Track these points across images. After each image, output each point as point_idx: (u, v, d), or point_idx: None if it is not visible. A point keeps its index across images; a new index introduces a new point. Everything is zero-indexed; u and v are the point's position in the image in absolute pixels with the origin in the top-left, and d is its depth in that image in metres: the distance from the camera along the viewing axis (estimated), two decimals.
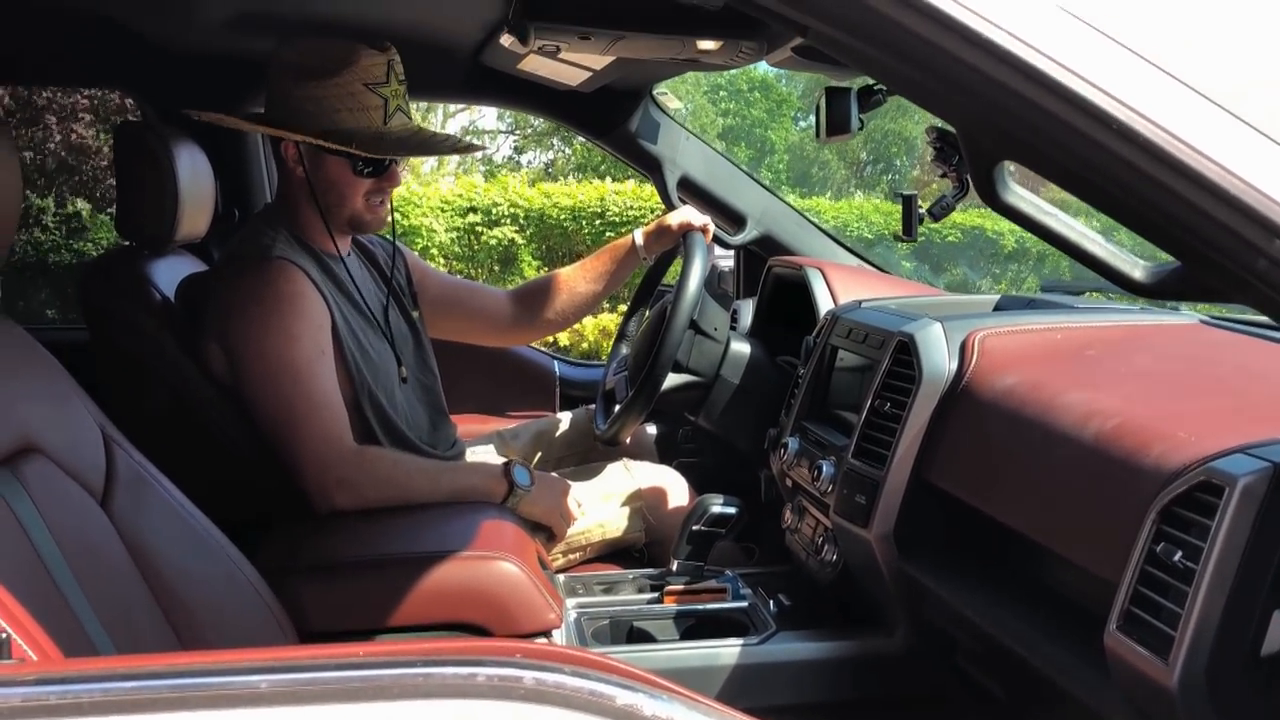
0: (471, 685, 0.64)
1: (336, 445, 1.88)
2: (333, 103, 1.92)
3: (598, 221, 9.70)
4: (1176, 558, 1.06)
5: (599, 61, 2.13)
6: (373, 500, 1.90)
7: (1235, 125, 0.84)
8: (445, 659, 0.66)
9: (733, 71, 2.19)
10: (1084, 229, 1.03)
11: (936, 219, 1.97)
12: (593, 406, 2.45)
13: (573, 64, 2.19)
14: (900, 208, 2.02)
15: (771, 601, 1.96)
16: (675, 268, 2.33)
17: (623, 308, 5.47)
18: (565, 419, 2.57)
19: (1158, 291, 1.00)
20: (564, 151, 17.19)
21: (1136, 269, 1.01)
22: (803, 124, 21.30)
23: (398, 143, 1.97)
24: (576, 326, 7.68)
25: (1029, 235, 1.08)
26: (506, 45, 2.10)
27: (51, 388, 1.41)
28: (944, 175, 1.89)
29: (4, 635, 0.75)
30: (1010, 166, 1.00)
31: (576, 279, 2.46)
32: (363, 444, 1.94)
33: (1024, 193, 1.02)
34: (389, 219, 2.11)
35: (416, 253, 5.48)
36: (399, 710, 0.63)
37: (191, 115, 2.05)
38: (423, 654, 0.66)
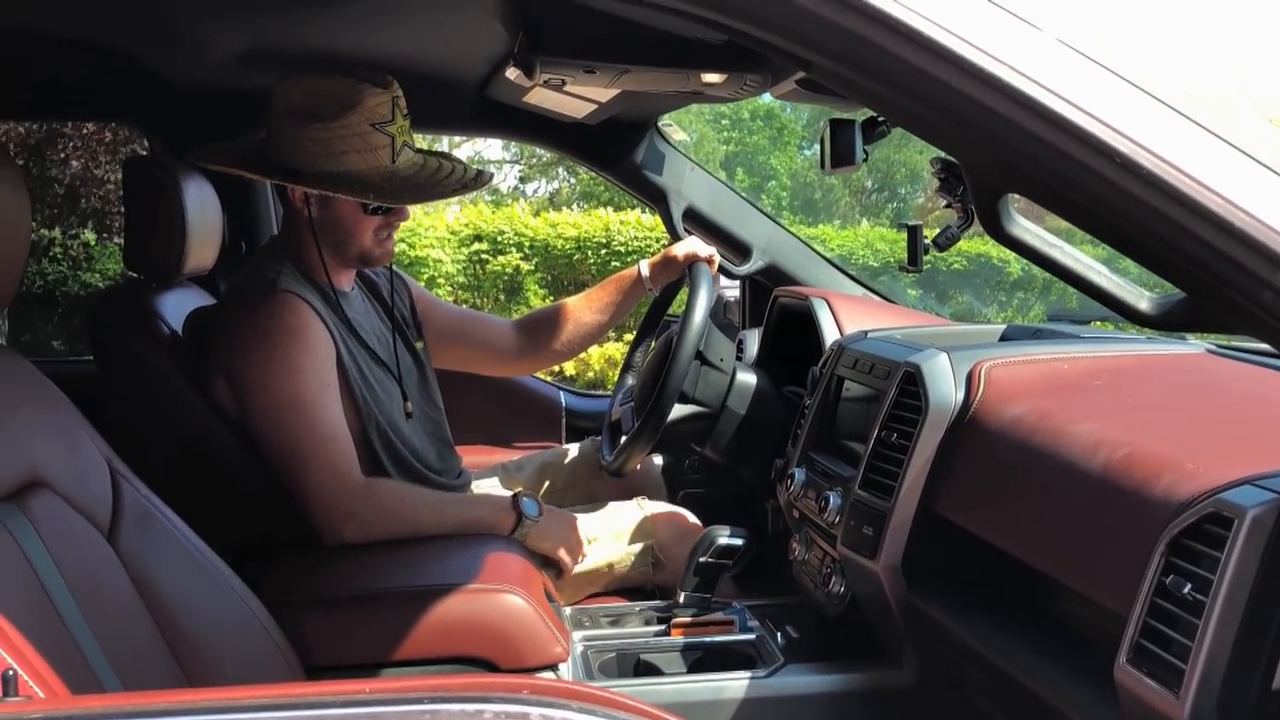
0: None
1: (344, 479, 1.88)
2: (339, 144, 1.92)
3: (603, 251, 9.73)
4: (1186, 590, 1.05)
5: (604, 94, 2.14)
6: (380, 533, 1.89)
7: (1239, 159, 0.84)
8: (451, 696, 0.66)
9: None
10: (1089, 261, 1.03)
11: (942, 249, 1.98)
12: (599, 437, 2.44)
13: (578, 97, 2.20)
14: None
15: (779, 634, 1.94)
16: (681, 298, 2.33)
17: (629, 337, 5.48)
18: (572, 450, 2.57)
19: (1164, 323, 1.00)
20: (569, 181, 17.24)
21: (1142, 300, 1.01)
22: (807, 152, 21.36)
23: (408, 181, 1.97)
24: (582, 356, 7.68)
25: None
26: (512, 79, 2.11)
27: (57, 421, 1.41)
28: (948, 205, 1.89)
29: (11, 672, 0.75)
30: (1014, 199, 1.01)
31: (582, 309, 2.46)
32: (370, 476, 1.94)
33: (1028, 225, 1.02)
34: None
35: (423, 283, 5.49)
36: None
37: (200, 165, 2.05)
38: (429, 691, 0.66)
